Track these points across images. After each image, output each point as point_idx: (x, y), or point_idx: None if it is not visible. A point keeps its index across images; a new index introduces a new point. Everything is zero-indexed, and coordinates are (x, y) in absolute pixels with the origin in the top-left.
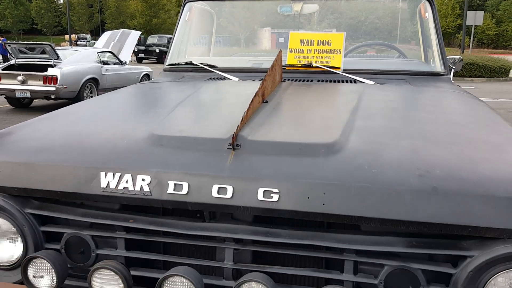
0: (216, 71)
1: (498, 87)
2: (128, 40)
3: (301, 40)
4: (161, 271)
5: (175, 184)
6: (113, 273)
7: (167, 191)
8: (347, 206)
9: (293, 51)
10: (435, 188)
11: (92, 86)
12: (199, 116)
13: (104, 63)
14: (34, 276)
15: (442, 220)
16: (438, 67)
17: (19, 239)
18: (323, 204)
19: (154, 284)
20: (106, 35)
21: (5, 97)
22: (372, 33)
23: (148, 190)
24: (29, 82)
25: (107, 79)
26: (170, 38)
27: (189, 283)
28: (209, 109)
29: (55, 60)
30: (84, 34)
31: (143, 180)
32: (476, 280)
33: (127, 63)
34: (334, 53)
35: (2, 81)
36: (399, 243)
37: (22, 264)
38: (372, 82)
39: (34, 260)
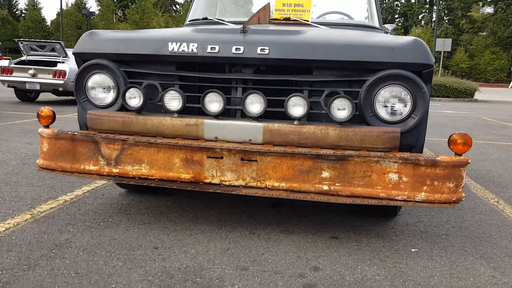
0: (224, 22)
1: (463, 105)
2: None
3: (283, 3)
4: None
5: (211, 47)
6: (176, 92)
7: (207, 51)
8: (304, 54)
9: (277, 10)
10: (350, 44)
11: None
12: (218, 27)
13: None
14: (129, 98)
15: (354, 59)
16: (375, 23)
17: (114, 88)
18: (292, 54)
19: (196, 107)
20: None
21: (14, 90)
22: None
23: (196, 51)
24: (39, 75)
25: None
26: None
27: (219, 97)
28: (223, 27)
29: (63, 58)
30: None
31: (193, 45)
32: (371, 92)
33: None
34: (305, 12)
35: (14, 74)
36: (332, 76)
37: (122, 91)
38: (328, 28)
39: (130, 89)
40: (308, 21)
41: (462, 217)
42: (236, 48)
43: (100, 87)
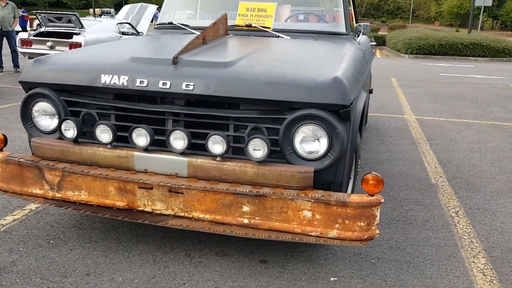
0: (187, 29)
1: (498, 66)
2: (145, 13)
3: (246, 8)
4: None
5: (140, 80)
6: (106, 126)
7: (136, 84)
8: (226, 92)
9: (241, 16)
10: (271, 82)
11: None
12: (161, 48)
13: (124, 33)
14: (64, 129)
15: (273, 98)
16: (341, 29)
17: (56, 115)
18: (215, 91)
19: (127, 138)
20: (125, 8)
21: None
22: (306, 4)
23: (126, 84)
24: (57, 47)
25: None
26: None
27: (145, 131)
28: (168, 46)
29: (79, 29)
30: (108, 8)
31: (123, 78)
32: (290, 130)
33: (144, 34)
34: (267, 17)
35: (33, 46)
36: (255, 113)
37: (59, 122)
38: (288, 37)
39: (66, 120)
40: (269, 28)
41: (407, 234)
42: (163, 83)
43: (43, 115)
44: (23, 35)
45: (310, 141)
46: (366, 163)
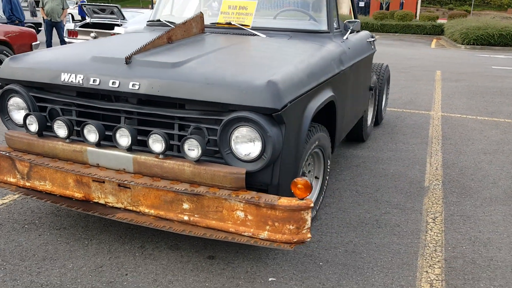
0: (172, 26)
1: None
2: None
3: (229, 5)
4: None
5: (93, 79)
6: (61, 121)
7: (90, 83)
8: (167, 92)
9: (223, 13)
10: (209, 84)
11: None
12: (127, 47)
13: None
14: (28, 123)
15: (210, 99)
16: (322, 27)
17: (27, 110)
18: (158, 91)
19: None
20: None
21: None
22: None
23: (82, 82)
24: (100, 38)
25: None
26: None
27: (94, 128)
28: (137, 45)
29: (121, 20)
30: None
31: (79, 77)
32: (227, 131)
33: None
34: (248, 15)
35: (79, 36)
36: (198, 113)
37: (24, 117)
38: (264, 36)
39: (30, 115)
40: (248, 26)
41: (370, 238)
42: (112, 82)
43: (16, 109)
44: (70, 26)
45: (245, 143)
46: (363, 162)
